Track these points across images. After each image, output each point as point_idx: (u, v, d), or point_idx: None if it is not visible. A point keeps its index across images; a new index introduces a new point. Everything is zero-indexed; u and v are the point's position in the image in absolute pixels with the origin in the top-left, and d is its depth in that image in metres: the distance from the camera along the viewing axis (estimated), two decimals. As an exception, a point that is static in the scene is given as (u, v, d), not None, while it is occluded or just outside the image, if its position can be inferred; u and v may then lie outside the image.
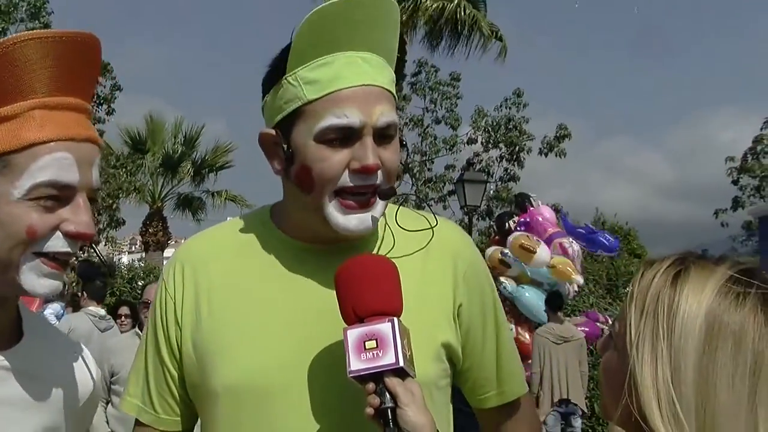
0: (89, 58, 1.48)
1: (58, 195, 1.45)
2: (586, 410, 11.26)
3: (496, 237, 12.60)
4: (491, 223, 26.53)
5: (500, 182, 25.89)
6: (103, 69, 25.72)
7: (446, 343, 1.81)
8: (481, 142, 25.67)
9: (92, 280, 9.31)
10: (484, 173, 22.14)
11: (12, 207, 1.41)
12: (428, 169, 27.96)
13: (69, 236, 1.47)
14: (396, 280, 1.63)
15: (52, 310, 9.41)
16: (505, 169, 26.01)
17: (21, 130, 1.41)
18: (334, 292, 1.66)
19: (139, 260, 27.49)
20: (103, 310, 9.13)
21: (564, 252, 11.58)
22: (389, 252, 1.81)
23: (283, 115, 1.74)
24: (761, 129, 32.40)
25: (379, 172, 1.71)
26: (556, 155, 24.74)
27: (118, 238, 29.73)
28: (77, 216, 1.47)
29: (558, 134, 25.38)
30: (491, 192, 24.34)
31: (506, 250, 11.63)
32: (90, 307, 8.90)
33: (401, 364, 1.52)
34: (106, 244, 26.34)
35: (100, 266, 13.65)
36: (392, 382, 1.53)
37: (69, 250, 1.48)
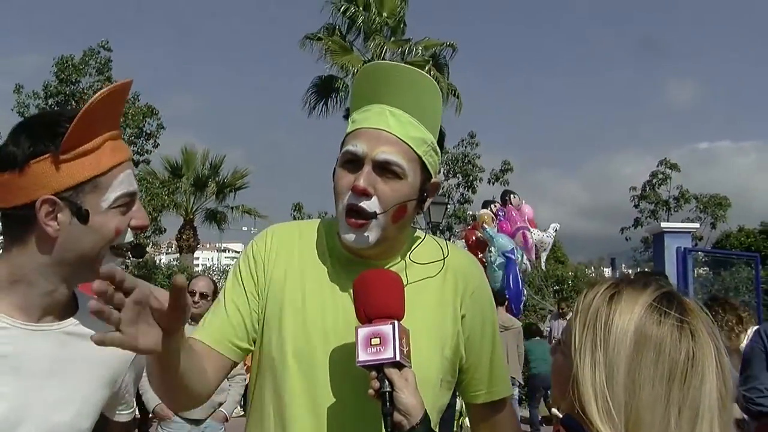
0: (123, 98, 1.56)
1: (129, 201, 1.55)
2: (521, 381, 11.30)
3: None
4: (450, 235, 26.82)
5: (457, 204, 26.05)
6: (151, 112, 25.79)
7: (454, 346, 1.84)
8: (443, 173, 25.82)
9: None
10: (445, 197, 22.19)
11: (102, 216, 1.51)
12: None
13: (134, 228, 1.57)
14: (400, 291, 1.65)
15: None
16: (462, 194, 26.22)
17: (101, 158, 1.51)
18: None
19: (175, 260, 27.54)
20: None
21: (525, 241, 11.35)
22: (415, 278, 1.81)
23: (340, 145, 1.80)
24: (657, 166, 32.92)
25: (374, 199, 1.71)
26: (501, 184, 24.96)
27: (159, 242, 29.73)
28: (140, 213, 1.58)
29: (503, 168, 25.66)
30: (450, 211, 24.43)
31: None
32: None
33: (397, 358, 1.55)
34: (151, 247, 26.31)
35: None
36: (390, 371, 1.55)
37: (132, 240, 1.58)
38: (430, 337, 1.77)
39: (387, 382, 1.55)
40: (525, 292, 12.90)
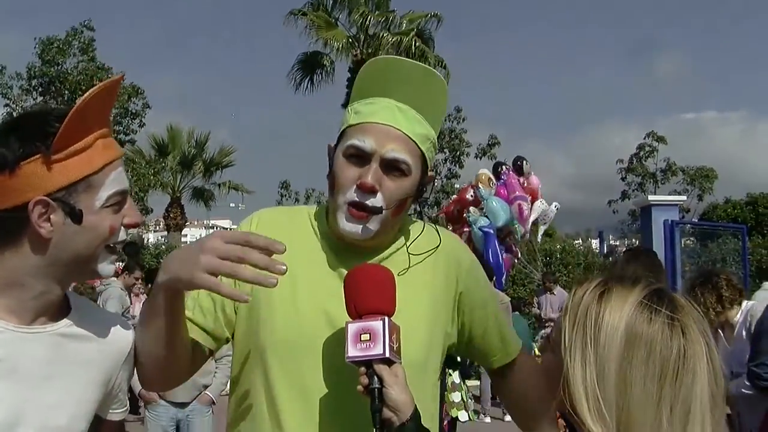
0: (114, 94, 1.56)
1: (121, 199, 1.54)
2: None
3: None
4: (437, 210, 26.85)
5: (445, 179, 26.05)
6: (136, 92, 25.59)
7: (447, 332, 1.87)
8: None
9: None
10: (432, 171, 22.22)
11: (95, 215, 1.49)
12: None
13: (128, 226, 1.57)
14: (392, 286, 1.64)
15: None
16: (449, 169, 26.19)
17: (93, 157, 1.49)
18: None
19: (162, 237, 27.58)
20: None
21: (520, 212, 11.14)
22: (407, 267, 1.82)
23: (339, 133, 1.80)
24: (644, 138, 32.96)
25: (379, 195, 1.72)
26: (488, 158, 24.95)
27: (147, 222, 29.75)
28: (132, 210, 1.58)
29: (490, 142, 25.63)
30: (438, 186, 24.46)
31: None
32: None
33: (387, 354, 1.55)
34: (140, 229, 26.30)
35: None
36: (379, 367, 1.55)
37: (126, 238, 1.58)
38: (426, 324, 1.78)
39: (376, 378, 1.54)
40: (515, 263, 12.70)
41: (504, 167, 11.42)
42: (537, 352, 12.41)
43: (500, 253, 11.17)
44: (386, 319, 1.58)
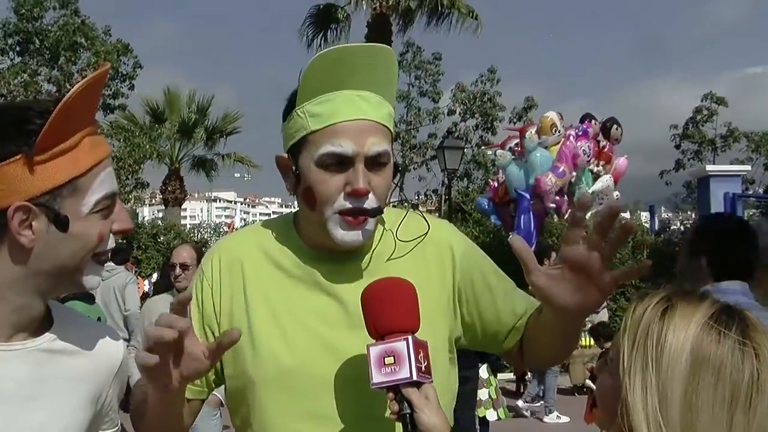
0: (101, 87, 1.55)
1: (111, 203, 1.54)
2: None
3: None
4: (468, 183, 26.70)
5: (476, 147, 25.89)
6: (125, 50, 25.37)
7: (449, 321, 1.89)
8: (459, 113, 25.66)
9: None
10: (462, 140, 22.10)
11: (83, 221, 1.49)
12: (413, 137, 27.96)
13: (117, 233, 1.57)
14: (413, 300, 1.65)
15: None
16: (480, 137, 26.02)
17: (79, 157, 1.48)
18: (340, 293, 1.80)
19: (159, 212, 27.49)
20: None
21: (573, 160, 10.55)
22: (389, 257, 1.87)
23: (293, 142, 1.81)
24: (701, 100, 32.46)
25: (371, 195, 1.75)
26: (524, 123, 24.73)
27: (142, 196, 29.82)
28: (122, 215, 1.58)
29: (526, 105, 25.42)
30: (468, 156, 24.34)
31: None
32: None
33: (414, 378, 1.56)
34: (133, 203, 26.37)
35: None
36: (407, 391, 1.57)
37: (114, 245, 1.58)
38: (427, 312, 1.77)
39: (406, 403, 1.56)
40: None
41: (615, 126, 11.03)
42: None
43: (532, 221, 11.02)
44: (410, 338, 1.58)
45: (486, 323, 1.94)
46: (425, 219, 1.94)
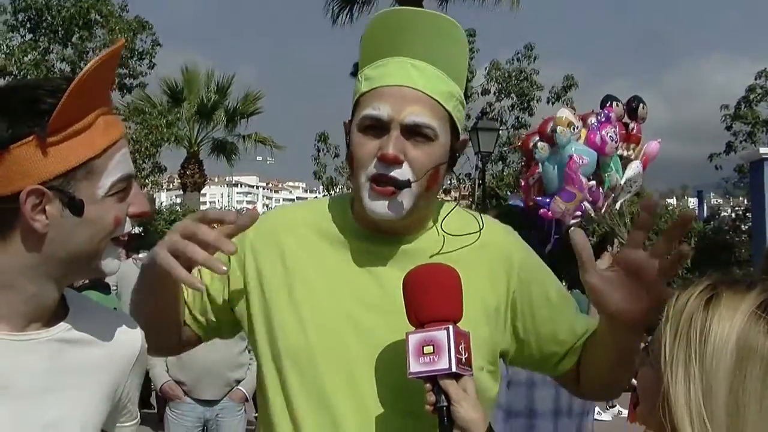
0: (115, 64, 1.56)
1: (127, 185, 1.54)
2: None
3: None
4: (503, 167, 26.49)
5: (512, 129, 25.74)
6: (143, 27, 25.36)
7: (497, 326, 1.88)
8: (494, 93, 25.50)
9: None
10: (496, 121, 21.96)
11: (98, 205, 1.49)
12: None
13: (134, 216, 1.58)
14: (457, 288, 1.66)
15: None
16: (516, 118, 25.86)
17: (94, 138, 1.49)
18: (381, 274, 1.82)
19: (177, 197, 27.56)
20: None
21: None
22: (439, 250, 1.86)
23: (352, 105, 1.85)
24: (755, 79, 32.00)
25: (405, 165, 1.75)
26: (563, 104, 24.51)
27: (160, 181, 29.96)
28: (139, 198, 1.58)
29: (566, 84, 25.20)
30: (504, 138, 24.20)
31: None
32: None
33: (453, 369, 1.57)
34: (150, 187, 26.44)
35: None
36: (445, 383, 1.58)
37: (131, 229, 1.59)
38: (466, 318, 1.77)
39: (443, 395, 1.57)
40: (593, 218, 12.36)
41: (615, 103, 10.92)
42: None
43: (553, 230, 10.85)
44: (451, 327, 1.60)
45: (542, 341, 1.94)
46: (479, 220, 1.92)
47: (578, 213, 10.05)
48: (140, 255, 9.75)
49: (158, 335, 1.85)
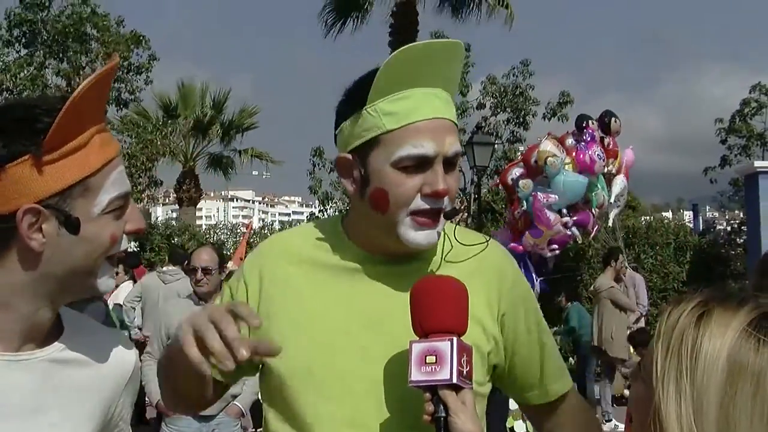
0: (110, 81, 1.57)
1: (123, 203, 1.55)
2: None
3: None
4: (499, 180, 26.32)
5: (507, 143, 25.73)
6: (137, 41, 25.30)
7: (488, 350, 1.89)
8: (490, 107, 25.51)
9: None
10: (492, 135, 21.97)
11: (94, 223, 1.50)
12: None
13: (130, 233, 1.59)
14: (464, 301, 1.69)
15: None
16: (512, 132, 25.83)
17: (90, 156, 1.50)
18: (389, 297, 1.84)
19: (173, 212, 27.54)
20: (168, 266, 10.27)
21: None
22: (440, 264, 1.90)
23: (362, 141, 1.81)
24: (749, 92, 32.10)
25: (446, 197, 1.79)
26: (558, 119, 24.59)
27: (156, 195, 29.92)
28: (135, 215, 1.60)
29: (561, 100, 25.22)
30: (499, 153, 24.21)
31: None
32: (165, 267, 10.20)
33: (454, 381, 1.59)
34: (146, 202, 26.43)
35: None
36: (445, 393, 1.60)
37: (127, 246, 1.61)
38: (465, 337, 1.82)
39: (442, 406, 1.59)
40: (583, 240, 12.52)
41: (590, 122, 10.91)
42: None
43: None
44: (455, 339, 1.62)
45: (515, 366, 1.98)
46: (484, 236, 1.98)
47: (554, 246, 10.05)
48: (164, 269, 9.93)
49: (190, 398, 1.95)
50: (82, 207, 1.49)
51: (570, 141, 10.15)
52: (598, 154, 10.39)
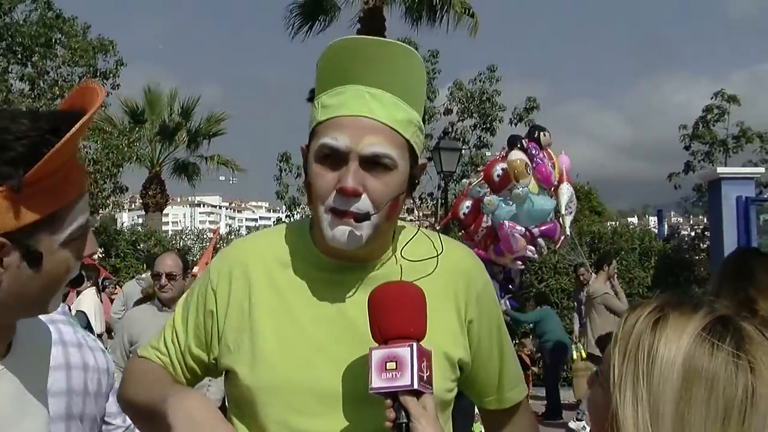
0: (89, 122, 1.52)
1: (83, 232, 1.54)
2: None
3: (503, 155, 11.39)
4: (468, 183, 26.36)
5: (474, 149, 25.83)
6: (103, 47, 25.07)
7: (459, 357, 1.90)
8: (457, 113, 25.58)
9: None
10: (459, 141, 22.05)
11: (55, 255, 1.48)
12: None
13: (82, 258, 1.57)
14: (421, 307, 1.69)
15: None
16: (479, 137, 25.94)
17: (65, 190, 1.47)
18: (348, 303, 1.83)
19: (139, 217, 27.38)
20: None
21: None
22: (410, 279, 1.85)
23: (309, 132, 1.83)
24: (711, 98, 32.43)
25: (365, 197, 1.75)
26: (525, 124, 24.63)
27: (121, 202, 29.66)
28: (90, 243, 1.58)
29: (528, 105, 25.38)
30: (466, 158, 24.30)
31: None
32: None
33: (415, 386, 1.59)
34: (112, 208, 26.21)
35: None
36: (406, 399, 1.60)
37: (77, 272, 1.59)
38: (430, 344, 1.80)
39: (403, 412, 1.60)
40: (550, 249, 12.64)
41: (542, 133, 10.89)
42: (575, 355, 12.58)
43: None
44: (414, 345, 1.62)
45: (475, 369, 1.98)
46: (435, 242, 1.94)
47: (519, 263, 10.09)
48: (142, 276, 9.96)
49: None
50: (45, 240, 1.46)
51: (533, 151, 10.15)
52: (549, 167, 10.41)
